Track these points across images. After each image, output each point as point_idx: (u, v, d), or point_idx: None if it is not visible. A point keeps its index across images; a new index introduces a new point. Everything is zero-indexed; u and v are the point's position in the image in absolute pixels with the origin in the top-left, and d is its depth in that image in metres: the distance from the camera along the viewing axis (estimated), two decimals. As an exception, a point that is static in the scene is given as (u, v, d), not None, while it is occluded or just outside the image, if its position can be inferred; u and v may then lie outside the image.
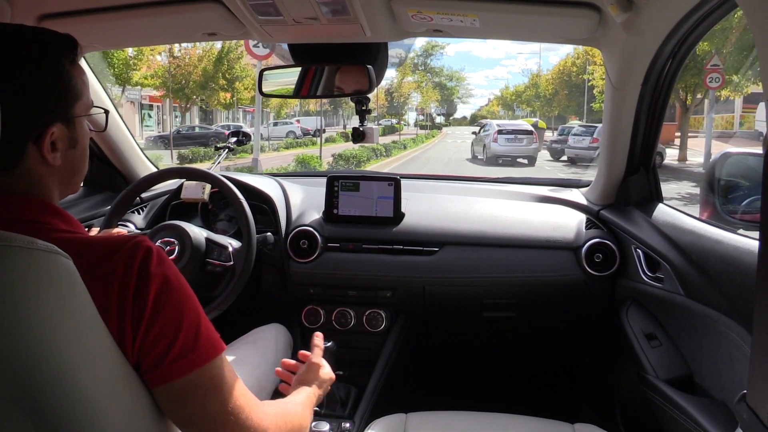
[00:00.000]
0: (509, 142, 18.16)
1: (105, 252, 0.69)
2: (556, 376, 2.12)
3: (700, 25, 1.23)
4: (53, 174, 0.76)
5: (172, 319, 0.70)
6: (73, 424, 0.58)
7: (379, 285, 1.77)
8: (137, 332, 0.68)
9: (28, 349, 0.56)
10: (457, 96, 60.54)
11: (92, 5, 1.29)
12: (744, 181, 1.25)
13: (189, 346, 0.71)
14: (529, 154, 18.14)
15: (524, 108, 52.39)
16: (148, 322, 0.68)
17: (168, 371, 0.70)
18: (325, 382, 1.10)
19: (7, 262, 0.56)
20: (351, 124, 36.56)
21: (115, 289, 0.67)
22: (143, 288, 0.69)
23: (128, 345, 0.68)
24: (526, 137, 18.22)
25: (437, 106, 55.91)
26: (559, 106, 39.44)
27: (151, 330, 0.69)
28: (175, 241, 1.48)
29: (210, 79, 21.46)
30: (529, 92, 48.49)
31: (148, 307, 0.69)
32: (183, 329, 0.71)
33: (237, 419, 0.74)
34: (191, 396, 0.72)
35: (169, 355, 0.69)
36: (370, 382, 1.72)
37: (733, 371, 1.09)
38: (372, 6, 1.17)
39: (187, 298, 0.73)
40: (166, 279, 0.71)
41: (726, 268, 1.11)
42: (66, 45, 0.76)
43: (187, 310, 0.72)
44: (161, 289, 0.70)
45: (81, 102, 0.78)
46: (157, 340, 0.69)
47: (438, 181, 2.18)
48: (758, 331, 0.70)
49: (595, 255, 1.64)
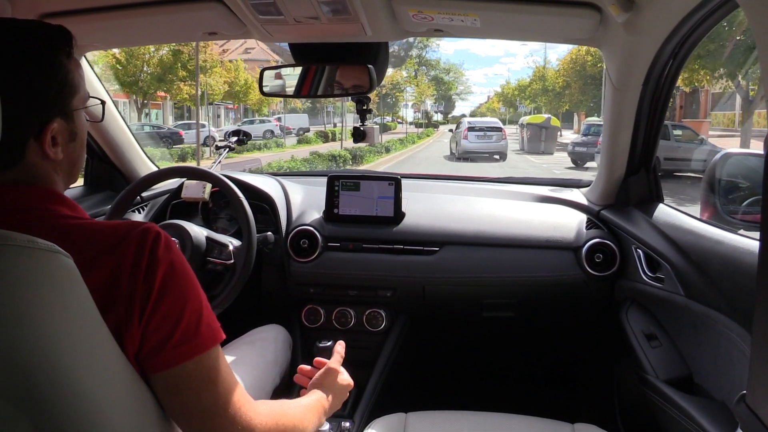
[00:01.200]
0: (479, 139, 18.72)
1: (115, 236, 0.70)
2: (556, 376, 2.12)
3: (701, 26, 1.23)
4: (55, 167, 0.77)
5: (176, 303, 0.71)
6: (73, 423, 0.58)
7: (379, 285, 1.77)
8: (143, 315, 0.69)
9: (28, 349, 0.56)
10: (455, 92, 57.73)
11: (93, 4, 1.29)
12: (744, 182, 1.24)
13: (191, 331, 0.72)
14: (499, 150, 18.61)
15: (527, 104, 46.34)
16: (153, 305, 0.69)
17: (169, 357, 0.70)
18: (343, 388, 1.08)
19: (7, 261, 0.56)
20: (335, 122, 33.99)
21: (126, 272, 0.68)
22: (152, 271, 0.70)
23: (134, 329, 0.68)
24: (495, 134, 18.82)
25: (434, 102, 52.72)
26: (570, 101, 33.58)
27: (156, 313, 0.69)
28: (176, 240, 1.48)
29: (168, 70, 19.05)
30: (535, 86, 42.84)
31: (155, 291, 0.69)
32: (186, 314, 0.71)
33: (226, 413, 0.75)
34: (187, 385, 0.72)
35: (171, 340, 0.70)
36: (370, 381, 1.72)
37: (732, 371, 1.09)
38: (372, 5, 1.17)
39: (191, 285, 0.74)
40: (172, 264, 0.72)
41: (726, 269, 1.11)
42: (62, 39, 0.76)
43: (191, 296, 0.73)
44: (168, 274, 0.71)
45: (79, 95, 0.78)
46: (161, 324, 0.70)
47: (438, 181, 2.18)
48: (758, 331, 0.70)
49: (596, 255, 1.64)
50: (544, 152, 20.61)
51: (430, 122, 50.93)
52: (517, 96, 50.26)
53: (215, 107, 31.17)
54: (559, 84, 35.17)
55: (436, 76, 51.54)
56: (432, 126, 47.53)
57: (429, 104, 52.15)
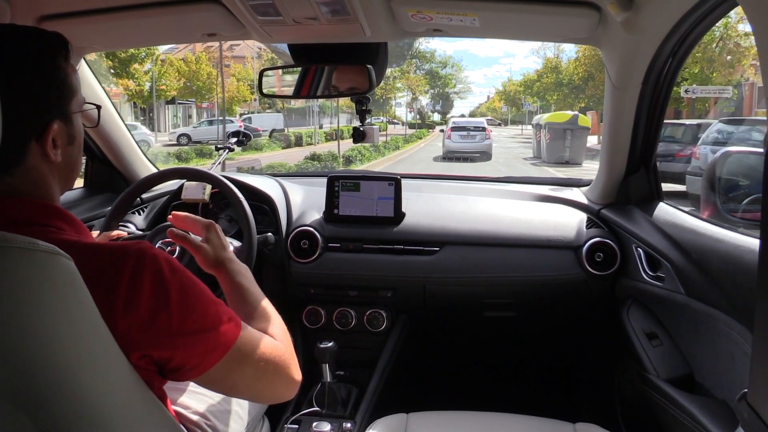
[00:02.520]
0: (463, 139, 18.28)
1: (110, 259, 0.71)
2: (557, 376, 2.11)
3: (700, 24, 1.23)
4: (53, 171, 0.77)
5: (198, 322, 0.74)
6: (74, 423, 0.58)
7: (379, 285, 1.77)
8: (172, 343, 0.71)
9: (30, 350, 0.56)
10: (453, 89, 52.84)
11: (92, 6, 1.29)
12: (745, 180, 1.24)
13: (219, 338, 0.75)
14: (483, 150, 18.01)
15: (533, 102, 40.01)
16: (177, 331, 0.71)
17: (206, 366, 0.75)
18: (225, 244, 1.05)
19: (9, 263, 0.56)
20: (322, 123, 30.47)
21: (120, 297, 0.68)
22: (160, 295, 0.71)
23: (163, 355, 0.72)
24: (479, 134, 18.35)
25: (429, 100, 49.35)
26: (593, 95, 26.40)
27: (185, 340, 0.72)
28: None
29: (125, 63, 17.30)
30: (546, 80, 35.71)
31: (174, 318, 0.71)
32: (209, 327, 0.75)
33: (270, 367, 0.83)
34: (227, 375, 0.78)
35: (205, 354, 0.74)
36: (371, 382, 1.72)
37: (733, 370, 1.09)
38: (372, 6, 1.17)
39: (199, 296, 0.76)
40: (182, 285, 0.74)
41: (727, 267, 1.11)
42: (59, 43, 0.77)
43: (201, 308, 0.75)
44: (179, 292, 0.73)
45: (76, 99, 0.79)
46: (191, 347, 0.73)
47: (438, 181, 2.18)
48: (759, 329, 0.70)
49: (596, 254, 1.64)
50: (569, 162, 15.82)
51: (425, 122, 47.91)
52: (522, 93, 44.21)
53: (184, 107, 28.79)
54: (579, 75, 28.36)
55: (431, 70, 46.58)
56: (427, 127, 44.24)
57: (424, 102, 48.68)
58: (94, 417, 0.60)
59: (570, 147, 16.14)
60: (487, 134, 18.58)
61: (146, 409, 0.71)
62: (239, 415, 1.24)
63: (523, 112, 44.86)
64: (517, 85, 46.96)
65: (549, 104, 35.61)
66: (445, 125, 23.89)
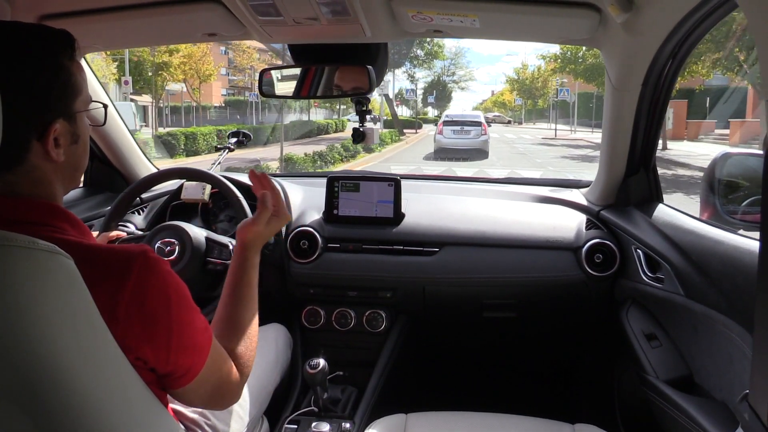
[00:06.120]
0: (455, 135, 16.62)
1: (113, 263, 0.72)
2: (556, 377, 2.11)
3: (701, 26, 1.23)
4: (56, 170, 0.76)
5: (193, 332, 0.78)
6: (74, 422, 0.58)
7: (379, 285, 1.77)
8: (161, 352, 0.74)
9: (29, 348, 0.56)
10: (452, 77, 40.07)
11: (92, 6, 1.29)
12: (744, 182, 1.25)
13: (199, 348, 0.79)
14: (478, 146, 16.43)
15: (580, 81, 25.58)
16: (174, 337, 0.74)
17: (191, 376, 0.78)
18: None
19: (9, 261, 0.56)
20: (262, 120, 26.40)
21: (123, 301, 0.70)
22: (161, 301, 0.73)
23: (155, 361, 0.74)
24: (474, 129, 16.67)
25: (415, 89, 35.19)
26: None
27: (172, 350, 0.74)
28: (175, 242, 1.48)
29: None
30: (581, 63, 23.68)
31: (173, 326, 0.74)
32: (197, 339, 0.78)
33: (231, 377, 0.88)
34: (204, 381, 0.81)
35: (187, 366, 0.77)
36: (371, 382, 1.72)
37: (733, 371, 1.09)
38: (372, 6, 1.17)
39: (192, 303, 0.79)
40: (179, 294, 0.76)
41: (726, 269, 1.11)
42: (64, 41, 0.76)
43: (198, 317, 0.79)
44: (178, 305, 0.75)
45: (81, 97, 0.79)
46: (183, 354, 0.76)
47: (438, 182, 2.18)
48: (759, 331, 0.70)
49: (596, 255, 1.64)
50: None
51: (417, 117, 34.41)
52: (558, 71, 29.54)
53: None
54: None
55: (431, 50, 33.93)
56: (409, 126, 29.40)
57: (406, 91, 34.72)
58: (93, 414, 0.60)
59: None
60: (483, 129, 16.90)
61: (145, 407, 0.71)
62: (239, 414, 1.24)
63: (547, 105, 31.92)
64: (551, 58, 29.25)
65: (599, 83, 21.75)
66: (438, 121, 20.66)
